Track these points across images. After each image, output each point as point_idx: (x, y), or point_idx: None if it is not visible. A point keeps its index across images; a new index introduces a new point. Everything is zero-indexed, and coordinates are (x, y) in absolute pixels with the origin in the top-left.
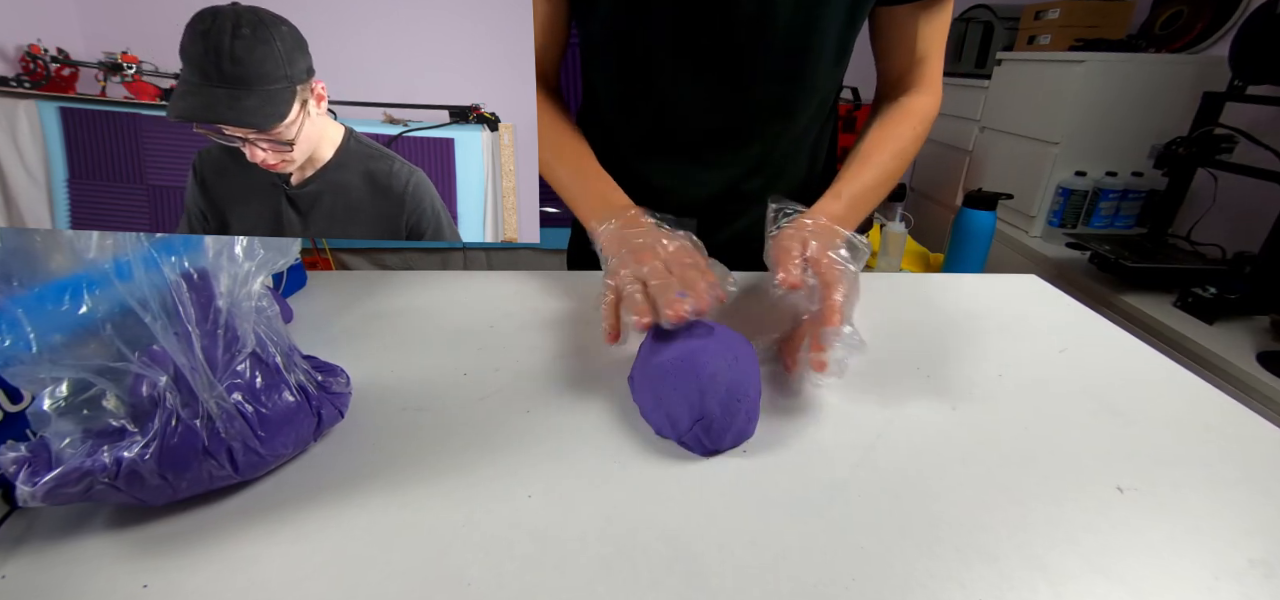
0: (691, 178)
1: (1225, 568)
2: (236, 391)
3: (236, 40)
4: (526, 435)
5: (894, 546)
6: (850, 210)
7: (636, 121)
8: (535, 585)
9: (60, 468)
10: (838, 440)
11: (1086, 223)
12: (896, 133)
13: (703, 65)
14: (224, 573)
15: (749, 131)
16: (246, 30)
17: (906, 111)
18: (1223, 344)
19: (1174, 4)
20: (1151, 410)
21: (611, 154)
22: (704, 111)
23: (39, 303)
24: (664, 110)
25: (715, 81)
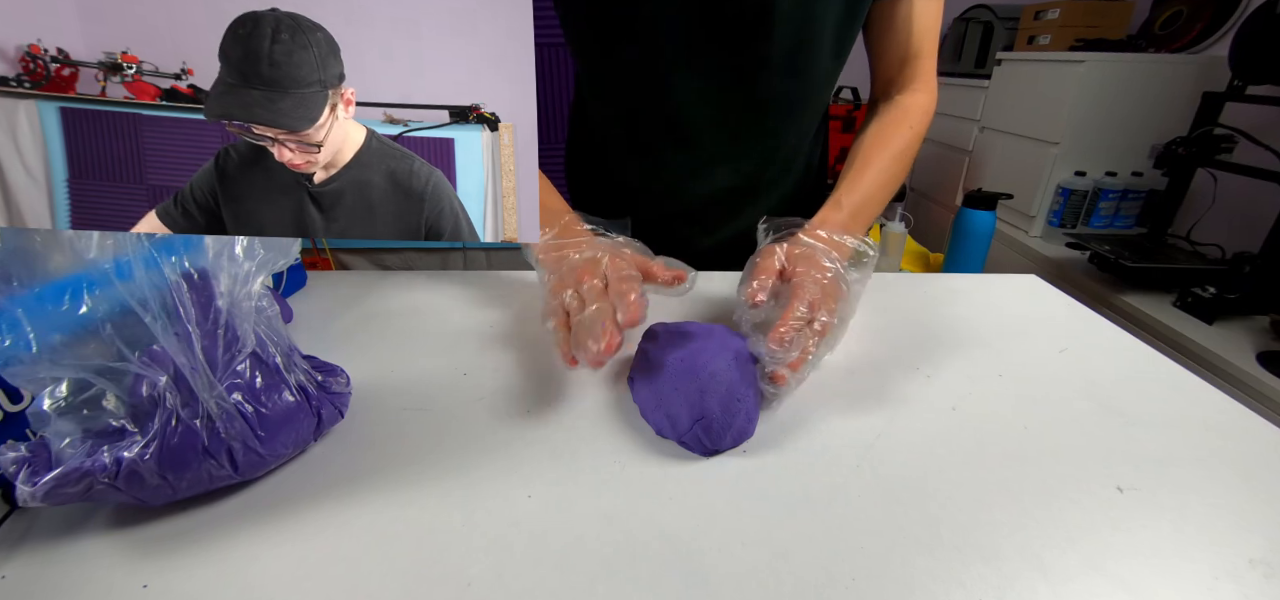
0: (691, 177)
1: (1225, 568)
2: (236, 391)
3: (275, 45)
4: (526, 435)
5: (894, 546)
6: (853, 218)
7: (634, 122)
8: (535, 585)
9: (60, 468)
10: (838, 440)
11: (1086, 223)
12: (895, 134)
13: (701, 62)
14: (224, 573)
15: (748, 129)
16: (285, 35)
17: (903, 110)
18: (1222, 344)
19: (1174, 4)
20: (1151, 410)
21: (607, 154)
22: (702, 109)
23: (39, 303)
24: (662, 109)
25: (714, 78)
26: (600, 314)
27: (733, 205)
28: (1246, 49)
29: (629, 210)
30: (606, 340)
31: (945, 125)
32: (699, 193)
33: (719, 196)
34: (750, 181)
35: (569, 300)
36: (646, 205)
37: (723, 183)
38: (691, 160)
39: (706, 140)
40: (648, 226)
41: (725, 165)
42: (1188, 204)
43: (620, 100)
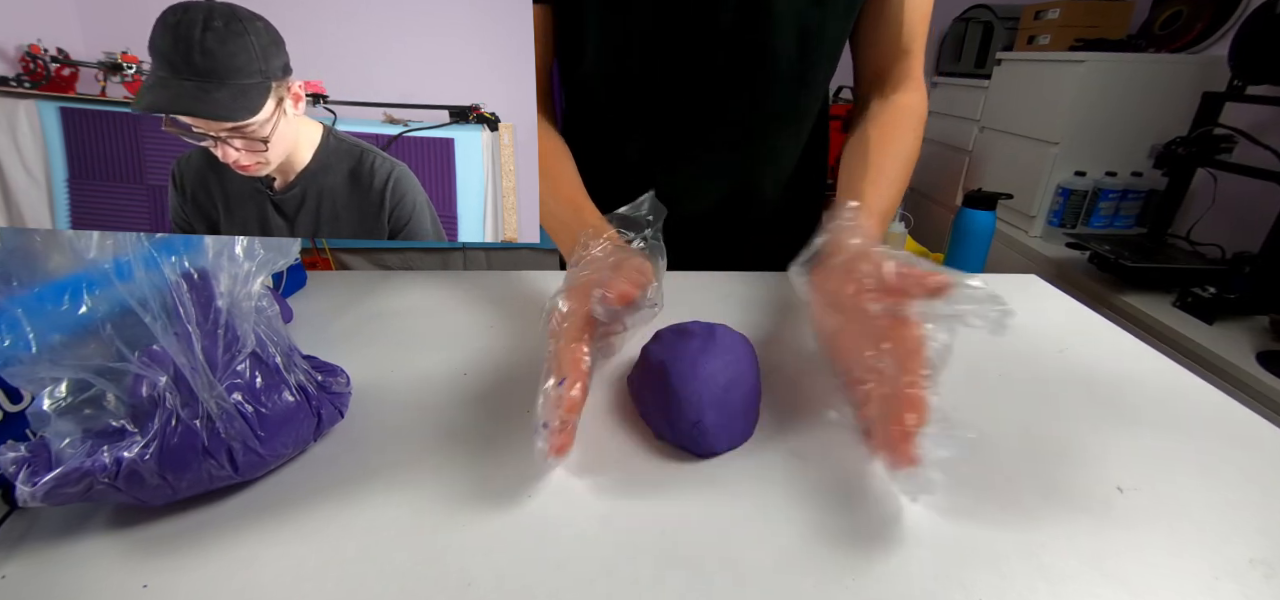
0: (696, 183)
1: (1225, 568)
2: (236, 391)
3: (207, 33)
4: (526, 435)
5: (894, 546)
6: (880, 229)
7: (638, 129)
8: (535, 585)
9: (60, 468)
10: (838, 440)
11: (1086, 222)
12: (899, 137)
13: (705, 68)
14: (224, 573)
15: (753, 133)
16: (218, 23)
17: (901, 112)
18: (1222, 344)
19: (1174, 4)
20: (1151, 410)
21: (610, 161)
22: (707, 115)
23: (39, 303)
24: (666, 117)
25: (718, 84)
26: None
27: (739, 209)
28: (1246, 49)
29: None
30: (553, 443)
31: (945, 125)
32: (705, 200)
33: (725, 202)
34: (756, 186)
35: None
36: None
37: (727, 189)
38: (695, 169)
39: (710, 148)
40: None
41: (730, 172)
42: (1187, 204)
43: (618, 110)
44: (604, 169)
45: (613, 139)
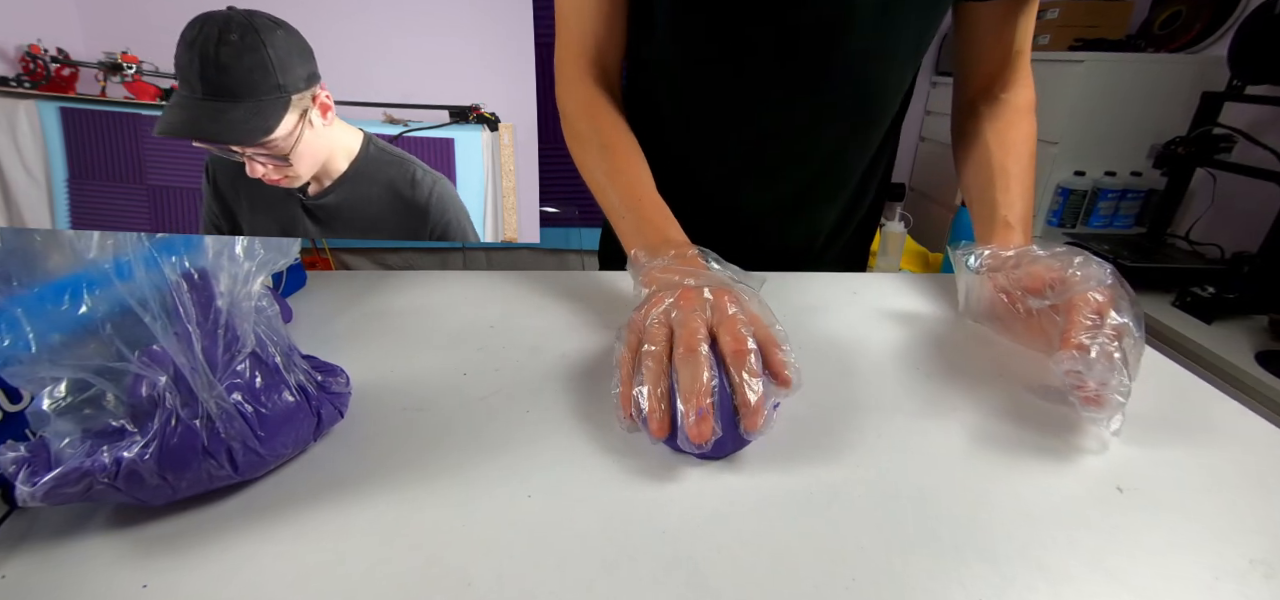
0: (759, 189)
1: (1225, 568)
2: (236, 391)
3: (222, 47)
4: (526, 435)
5: (894, 546)
6: (1025, 238)
7: (705, 136)
8: (535, 585)
9: (60, 468)
10: (837, 440)
11: (1085, 222)
12: (1020, 137)
13: (777, 76)
14: (224, 573)
15: (821, 140)
16: (234, 36)
17: (1016, 112)
18: (1221, 343)
19: (1173, 4)
20: (1151, 410)
21: (672, 167)
22: (776, 122)
23: (39, 303)
24: (735, 123)
25: (790, 91)
26: (694, 380)
27: (800, 215)
28: (1245, 49)
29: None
30: (700, 429)
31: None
32: (765, 205)
33: (786, 208)
34: (820, 192)
35: (653, 321)
36: (709, 221)
37: (790, 196)
38: (760, 176)
39: (776, 155)
40: (702, 231)
41: (793, 179)
42: (1187, 204)
43: (684, 115)
44: (660, 161)
45: (673, 131)
